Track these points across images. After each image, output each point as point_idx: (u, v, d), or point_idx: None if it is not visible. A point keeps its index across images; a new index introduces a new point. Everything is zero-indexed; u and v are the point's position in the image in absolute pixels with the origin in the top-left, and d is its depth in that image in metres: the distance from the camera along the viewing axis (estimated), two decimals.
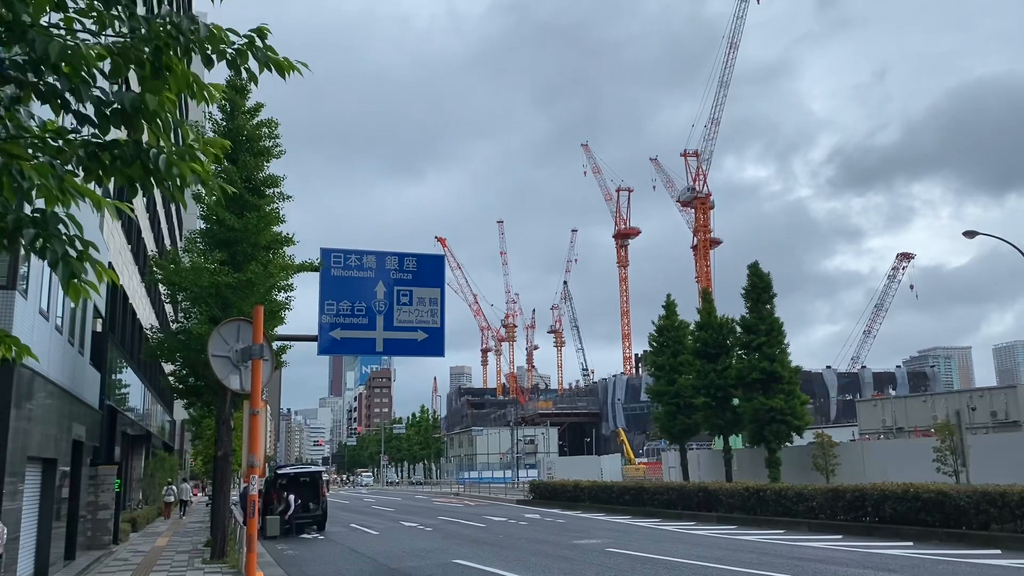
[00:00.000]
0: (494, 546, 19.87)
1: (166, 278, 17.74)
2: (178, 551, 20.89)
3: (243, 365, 7.08)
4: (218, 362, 6.96)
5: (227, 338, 7.16)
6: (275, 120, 19.81)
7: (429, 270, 21.26)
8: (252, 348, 7.08)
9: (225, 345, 7.09)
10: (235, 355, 7.21)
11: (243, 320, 7.78)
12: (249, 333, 7.38)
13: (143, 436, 35.82)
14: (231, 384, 6.92)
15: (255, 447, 6.59)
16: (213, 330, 7.09)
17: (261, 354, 6.99)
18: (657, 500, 28.26)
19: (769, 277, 44.51)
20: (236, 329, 7.51)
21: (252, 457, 6.68)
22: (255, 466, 6.62)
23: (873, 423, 70.20)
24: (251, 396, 6.71)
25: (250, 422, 6.69)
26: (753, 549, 17.23)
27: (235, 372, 7.04)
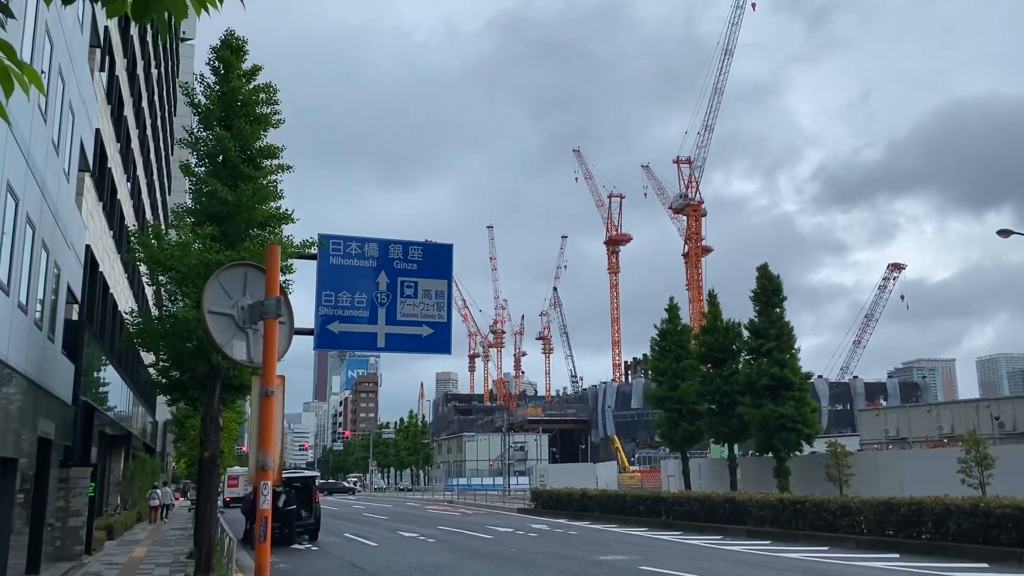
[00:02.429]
0: (510, 562, 17.90)
1: (148, 256, 15.70)
2: (158, 563, 18.82)
3: (251, 328, 5.15)
4: (217, 322, 4.95)
5: (230, 289, 5.18)
6: (274, 85, 17.83)
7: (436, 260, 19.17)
8: (265, 304, 4.96)
9: (226, 299, 5.10)
10: (240, 313, 5.16)
11: (251, 265, 5.58)
12: (260, 283, 5.28)
13: (123, 437, 33.61)
14: (235, 353, 4.97)
15: (268, 441, 4.65)
16: (210, 278, 5.08)
17: (277, 311, 4.93)
18: (676, 511, 26.36)
19: (779, 280, 42.83)
20: (242, 277, 5.38)
21: (264, 456, 4.71)
22: (268, 468, 4.68)
23: (875, 433, 68.72)
24: (263, 371, 4.79)
25: (261, 407, 4.75)
26: (807, 569, 15.35)
27: (240, 337, 5.07)
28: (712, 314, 44.62)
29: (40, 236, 14.11)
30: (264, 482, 4.78)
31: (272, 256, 5.05)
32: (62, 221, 16.47)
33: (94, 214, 23.49)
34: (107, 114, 25.14)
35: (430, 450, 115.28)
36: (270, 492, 4.79)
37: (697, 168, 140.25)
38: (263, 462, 4.79)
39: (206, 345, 15.84)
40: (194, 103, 17.27)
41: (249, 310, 5.12)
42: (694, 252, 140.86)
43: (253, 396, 4.91)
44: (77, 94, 17.53)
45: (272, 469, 4.82)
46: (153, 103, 40.07)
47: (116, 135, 27.54)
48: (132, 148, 32.25)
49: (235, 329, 5.08)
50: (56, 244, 15.88)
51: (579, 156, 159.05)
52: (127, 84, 29.57)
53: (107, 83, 25.03)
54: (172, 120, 56.42)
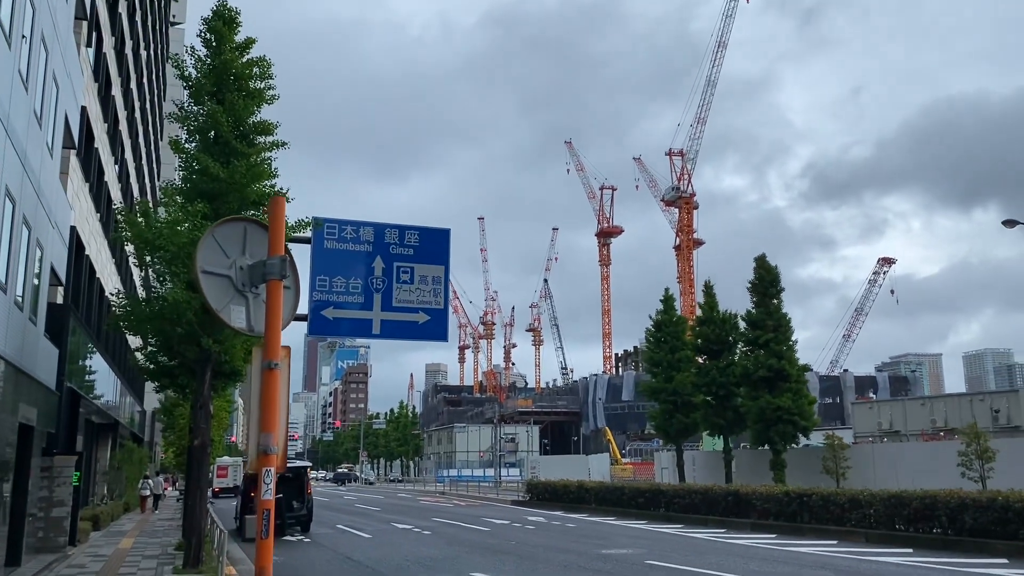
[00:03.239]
0: (511, 555, 17.31)
1: (136, 234, 14.97)
2: (144, 555, 18.15)
3: (251, 291, 4.50)
4: (212, 284, 4.30)
5: (227, 246, 4.56)
6: (268, 59, 17.09)
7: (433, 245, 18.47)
8: (268, 264, 4.36)
9: (223, 258, 4.48)
10: (239, 274, 4.57)
11: (251, 220, 4.96)
12: (262, 240, 4.63)
13: (110, 425, 32.86)
14: (233, 320, 4.32)
15: (271, 422, 4.00)
16: (205, 232, 4.40)
17: (281, 273, 4.36)
18: (677, 504, 25.83)
19: (777, 271, 42.31)
20: (241, 233, 4.72)
21: (267, 439, 4.05)
22: (271, 453, 4.03)
23: (869, 426, 68.44)
24: (265, 340, 4.15)
25: (263, 382, 4.11)
26: (822, 564, 14.81)
27: (239, 301, 4.41)
28: (709, 305, 44.10)
29: (21, 211, 13.38)
30: (266, 469, 4.14)
31: (276, 210, 4.40)
32: (45, 198, 15.73)
33: (80, 195, 22.72)
34: (94, 92, 24.35)
35: (420, 441, 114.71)
36: (273, 481, 4.15)
37: (690, 160, 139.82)
38: (265, 446, 4.15)
39: (197, 329, 15.17)
40: (184, 76, 16.53)
41: (249, 271, 4.47)
42: (686, 245, 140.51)
43: (254, 370, 4.27)
44: (62, 65, 16.77)
45: (276, 454, 4.19)
46: (142, 85, 39.19)
47: (103, 115, 26.73)
48: (120, 130, 31.43)
49: (233, 292, 4.43)
50: (39, 221, 15.14)
51: (571, 148, 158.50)
52: (115, 63, 28.74)
53: (94, 60, 24.23)
54: (161, 105, 55.43)
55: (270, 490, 4.11)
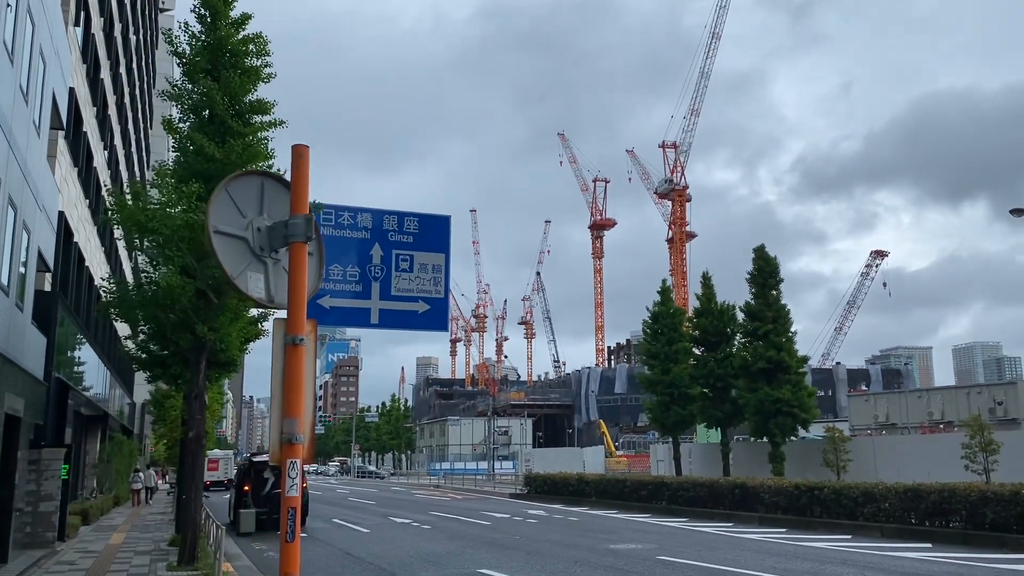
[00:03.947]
0: (517, 550, 16.75)
1: (127, 216, 14.29)
2: (137, 551, 17.51)
3: (271, 256, 3.96)
4: (226, 246, 3.66)
5: (242, 203, 3.94)
6: (264, 36, 16.41)
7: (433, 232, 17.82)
8: (291, 225, 3.79)
9: (239, 217, 3.90)
10: (256, 237, 3.91)
11: (269, 174, 4.29)
12: (282, 198, 4.01)
13: (99, 417, 32.15)
14: (251, 289, 3.68)
15: (297, 405, 3.39)
16: (217, 187, 3.76)
17: (306, 234, 3.79)
18: (681, 497, 25.31)
19: (776, 261, 41.92)
20: (257, 189, 4.06)
21: (292, 425, 3.44)
22: (297, 443, 3.42)
23: (865, 418, 68.18)
24: (288, 313, 3.56)
25: (287, 361, 3.50)
26: (842, 560, 14.29)
27: (257, 267, 3.79)
28: (706, 296, 43.64)
29: (6, 191, 12.71)
30: (291, 460, 3.54)
31: (300, 162, 3.78)
32: (32, 179, 15.03)
33: (68, 179, 22.00)
34: (82, 74, 23.60)
35: (412, 434, 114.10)
36: (300, 476, 3.55)
37: (683, 152, 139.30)
38: (290, 433, 3.55)
39: (191, 316, 14.53)
40: (178, 52, 15.84)
41: (268, 233, 3.85)
42: (678, 237, 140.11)
43: (275, 346, 3.66)
44: (49, 41, 16.05)
45: (302, 443, 3.58)
46: (131, 71, 38.32)
47: (92, 98, 25.97)
48: (109, 114, 30.64)
49: (250, 257, 3.81)
50: (25, 202, 14.45)
51: (564, 140, 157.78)
52: (104, 45, 27.95)
53: (82, 40, 23.48)
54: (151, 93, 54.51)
55: (296, 485, 3.51)
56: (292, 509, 3.48)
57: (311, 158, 3.89)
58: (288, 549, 3.45)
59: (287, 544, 3.45)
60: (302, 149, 3.75)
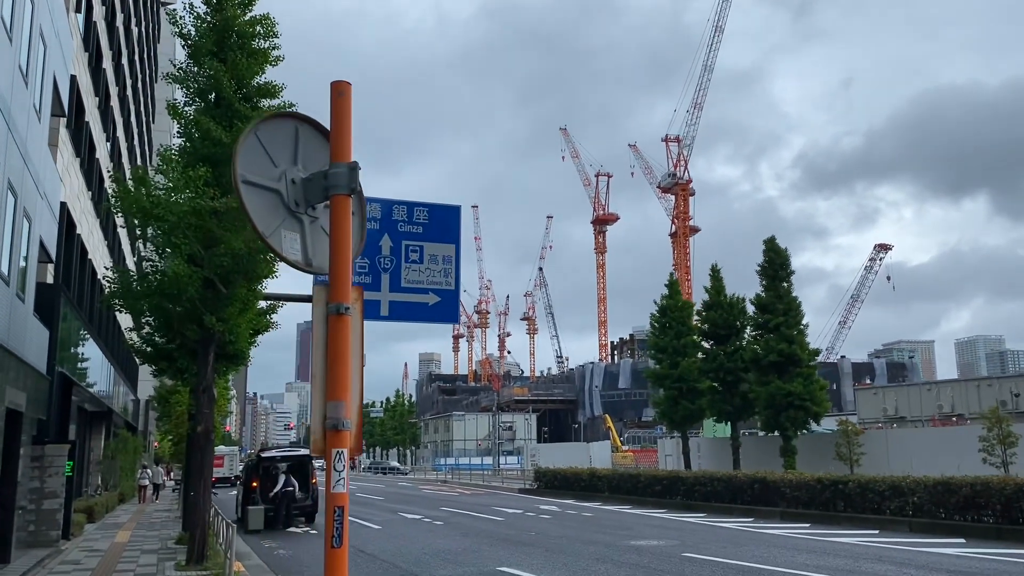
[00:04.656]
0: (535, 547, 16.23)
1: (132, 203, 13.76)
2: (143, 549, 17.01)
3: (308, 213, 3.34)
4: (256, 199, 3.06)
5: (274, 150, 3.35)
6: (272, 17, 15.85)
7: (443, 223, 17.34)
8: (331, 175, 3.23)
9: (270, 166, 3.34)
10: (291, 189, 3.35)
11: (303, 118, 3.59)
12: (319, 147, 3.45)
13: (104, 413, 31.66)
14: (286, 250, 3.12)
15: (342, 387, 2.87)
16: (245, 130, 3.19)
17: (350, 185, 3.23)
18: (697, 492, 24.77)
19: (787, 253, 41.41)
20: (291, 135, 3.46)
21: (337, 409, 2.90)
22: (344, 429, 2.89)
23: (874, 411, 67.63)
24: (331, 278, 3.02)
25: (329, 334, 2.96)
26: (878, 557, 13.76)
27: (292, 225, 3.20)
28: (715, 289, 43.09)
29: (6, 175, 12.18)
30: (337, 451, 3.01)
31: (340, 103, 3.24)
32: (33, 165, 14.50)
33: (70, 170, 21.49)
34: (84, 62, 23.07)
35: (417, 430, 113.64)
36: (346, 469, 3.02)
37: (686, 147, 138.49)
38: (335, 419, 3.02)
39: (199, 306, 14.00)
40: (183, 34, 15.29)
41: (304, 186, 3.30)
42: (682, 232, 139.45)
43: (315, 319, 3.13)
44: (49, 23, 15.51)
45: (349, 430, 3.06)
46: (133, 63, 37.78)
47: (95, 88, 25.44)
48: (112, 106, 30.11)
49: (284, 213, 3.27)
50: (26, 189, 13.93)
51: (566, 135, 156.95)
52: (106, 35, 27.41)
53: (84, 28, 22.95)
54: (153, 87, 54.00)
55: (342, 480, 2.98)
56: (339, 509, 2.95)
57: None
58: (334, 557, 2.92)
59: (333, 550, 2.92)
60: (343, 86, 3.20)
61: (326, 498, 2.96)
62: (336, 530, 2.90)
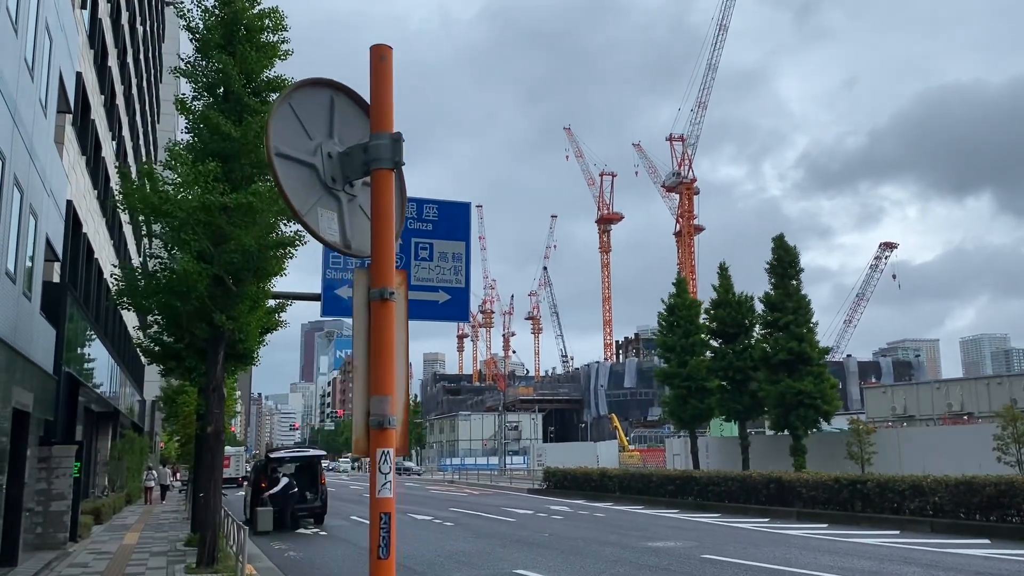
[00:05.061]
0: (549, 549, 15.95)
1: (140, 199, 13.50)
2: (152, 552, 16.77)
3: (346, 191, 3.06)
4: (290, 173, 2.89)
5: (308, 121, 3.04)
6: (280, 11, 15.58)
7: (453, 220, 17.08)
8: (371, 148, 2.91)
9: (304, 138, 3.03)
10: (328, 164, 3.04)
11: (339, 86, 3.23)
12: (357, 120, 3.16)
13: (110, 414, 31.44)
14: (323, 230, 2.81)
15: (387, 380, 2.58)
16: (278, 98, 2.90)
17: (394, 158, 2.91)
18: (711, 492, 24.46)
19: (796, 251, 41.14)
20: (326, 106, 3.15)
21: (382, 405, 2.66)
22: (390, 428, 2.61)
23: (882, 410, 67.09)
24: (373, 260, 2.75)
25: (373, 322, 2.70)
26: (903, 558, 13.45)
27: (329, 203, 3.01)
28: (724, 287, 42.82)
29: (12, 170, 11.92)
30: (383, 451, 2.73)
31: (381, 67, 2.95)
32: (39, 161, 14.25)
33: (76, 168, 21.25)
34: (89, 59, 22.82)
35: (422, 430, 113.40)
36: (392, 470, 2.74)
37: (690, 146, 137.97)
38: (380, 415, 2.73)
39: (208, 304, 13.74)
40: (191, 27, 15.02)
41: (341, 161, 3.01)
42: (686, 231, 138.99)
43: (357, 304, 2.85)
44: (55, 17, 15.26)
45: (395, 428, 2.77)
46: (138, 62, 37.57)
47: (100, 86, 25.20)
48: (117, 104, 29.87)
49: (321, 190, 2.99)
50: (32, 186, 13.67)
51: (570, 134, 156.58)
52: (111, 32, 27.19)
53: (89, 24, 22.71)
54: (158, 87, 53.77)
55: (389, 484, 2.69)
56: (386, 515, 2.66)
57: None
58: (381, 569, 2.63)
59: (380, 561, 2.62)
60: (384, 50, 2.91)
61: (370, 504, 2.68)
62: (383, 539, 2.61)
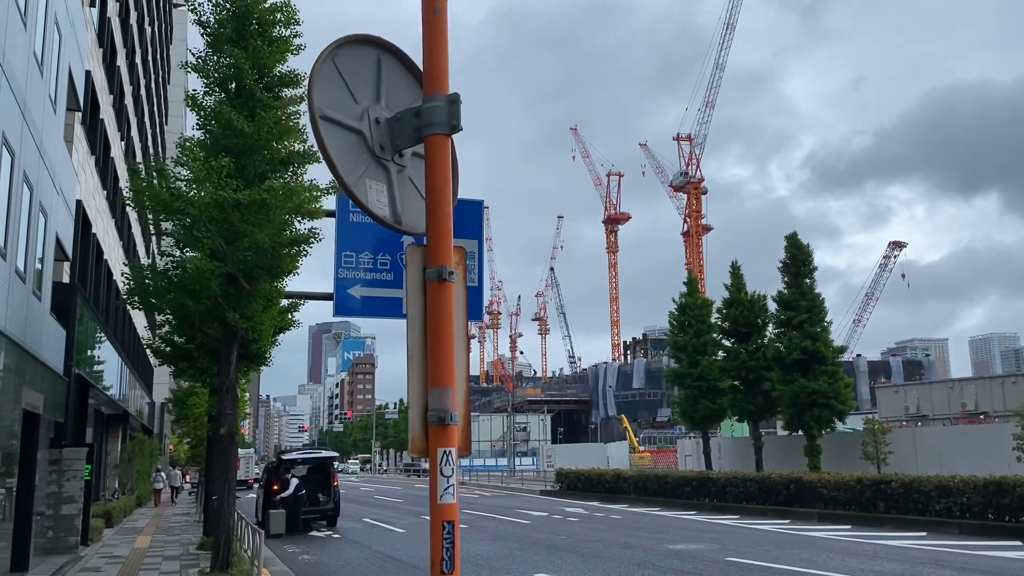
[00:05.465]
0: (569, 552, 15.62)
1: (151, 196, 13.23)
2: (165, 555, 16.49)
3: (395, 160, 2.75)
4: (336, 138, 2.61)
5: (354, 83, 2.73)
6: (292, 4, 15.29)
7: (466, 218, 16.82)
8: (425, 111, 2.61)
9: (350, 101, 2.72)
10: (375, 131, 2.72)
11: (387, 47, 2.90)
12: (405, 84, 2.87)
13: (120, 416, 31.23)
14: (371, 203, 2.44)
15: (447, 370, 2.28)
16: (321, 54, 2.56)
17: (451, 121, 2.61)
18: (729, 493, 24.09)
19: (809, 249, 40.71)
20: (372, 66, 2.83)
21: (442, 398, 2.33)
22: (451, 424, 2.30)
23: (895, 410, 66.50)
24: (428, 236, 2.43)
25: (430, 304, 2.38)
26: (936, 561, 13.09)
27: (377, 174, 2.70)
28: (736, 286, 42.40)
29: (21, 166, 11.66)
30: (444, 450, 2.42)
31: (436, 21, 2.64)
32: (49, 158, 14.00)
33: (86, 168, 21.04)
34: (99, 58, 22.61)
35: None
36: (455, 472, 2.43)
37: (698, 145, 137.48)
38: (440, 411, 2.42)
39: (221, 303, 13.45)
40: (202, 22, 14.75)
41: (390, 127, 2.70)
42: (694, 231, 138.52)
43: (411, 285, 2.54)
44: (65, 12, 15.02)
45: (457, 425, 2.47)
46: (147, 63, 37.40)
47: (109, 85, 25.00)
48: (126, 104, 29.68)
49: (368, 160, 2.67)
50: (42, 183, 13.42)
51: (576, 135, 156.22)
52: (120, 31, 26.98)
53: (98, 23, 22.50)
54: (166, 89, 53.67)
55: (452, 488, 2.38)
56: (448, 524, 2.35)
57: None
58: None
59: None
60: (438, 1, 2.59)
61: (431, 512, 2.37)
62: (446, 552, 2.32)
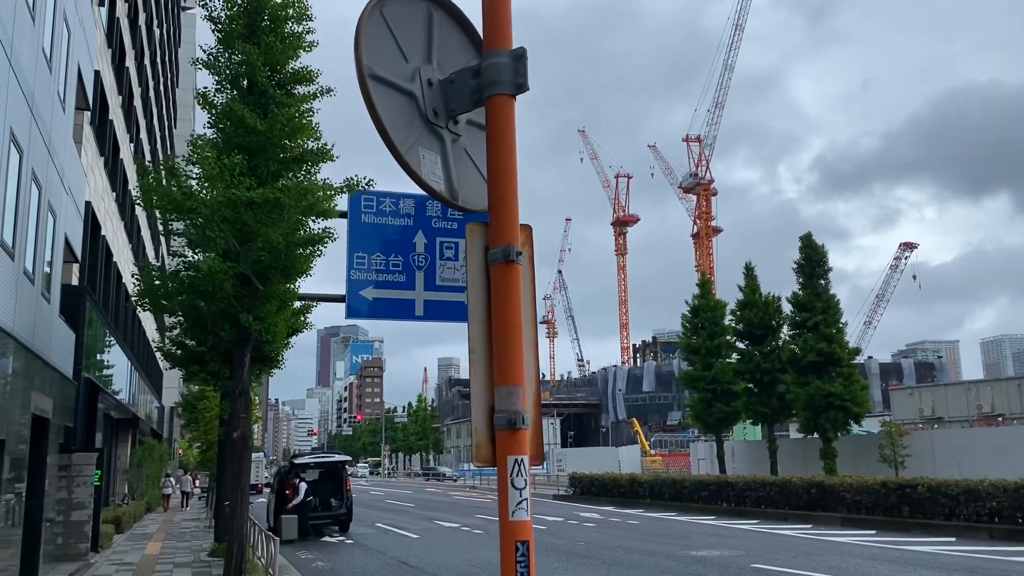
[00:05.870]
0: (589, 559, 15.24)
1: (162, 195, 12.95)
2: (176, 562, 16.18)
3: (448, 128, 2.40)
4: (387, 100, 2.22)
5: (404, 40, 2.35)
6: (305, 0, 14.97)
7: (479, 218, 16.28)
8: (487, 68, 2.28)
9: (400, 60, 2.33)
10: (429, 94, 2.37)
11: (437, 0, 2.56)
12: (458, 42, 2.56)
13: (129, 421, 30.98)
14: (424, 173, 2.09)
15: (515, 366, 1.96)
16: (367, 6, 2.24)
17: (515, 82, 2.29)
18: (748, 498, 23.65)
19: (824, 250, 40.35)
20: (424, 21, 2.48)
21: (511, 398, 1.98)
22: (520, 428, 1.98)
23: (910, 412, 65.95)
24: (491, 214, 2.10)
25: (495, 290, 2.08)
26: (971, 568, 12.66)
27: (431, 143, 2.33)
28: (750, 288, 42.00)
29: (30, 165, 11.38)
30: (515, 458, 2.09)
31: None
32: (57, 157, 13.73)
33: (95, 169, 20.79)
34: (108, 59, 22.39)
35: (440, 435, 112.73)
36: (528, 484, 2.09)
37: (707, 146, 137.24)
38: (508, 413, 2.08)
39: (234, 304, 13.14)
40: (213, 18, 14.46)
41: (445, 90, 2.36)
42: (704, 232, 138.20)
43: (472, 269, 2.21)
44: (74, 9, 14.76)
45: (527, 429, 2.13)
46: (155, 64, 37.24)
47: (118, 86, 24.78)
48: (135, 106, 29.49)
49: (421, 127, 2.34)
50: (51, 183, 13.15)
51: (584, 137, 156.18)
52: (128, 32, 26.77)
53: (107, 23, 22.28)
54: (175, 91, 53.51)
55: (525, 503, 2.04)
56: (522, 544, 2.01)
57: None
58: None
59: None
60: None
61: (500, 531, 2.04)
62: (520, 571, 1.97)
